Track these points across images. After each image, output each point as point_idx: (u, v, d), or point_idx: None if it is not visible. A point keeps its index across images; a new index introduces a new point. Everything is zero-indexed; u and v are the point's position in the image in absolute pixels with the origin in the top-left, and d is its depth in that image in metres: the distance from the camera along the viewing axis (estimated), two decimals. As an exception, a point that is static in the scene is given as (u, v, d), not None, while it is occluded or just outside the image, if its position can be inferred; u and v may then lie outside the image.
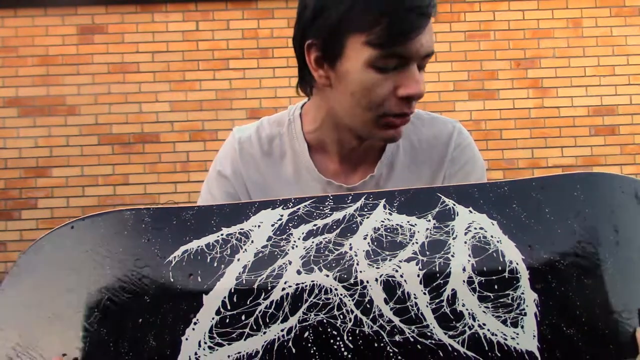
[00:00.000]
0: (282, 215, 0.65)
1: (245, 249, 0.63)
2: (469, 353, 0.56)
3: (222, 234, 0.64)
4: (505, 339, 0.57)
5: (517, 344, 0.57)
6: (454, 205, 0.65)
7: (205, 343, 0.58)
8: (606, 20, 3.99)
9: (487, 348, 0.57)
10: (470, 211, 0.65)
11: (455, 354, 0.56)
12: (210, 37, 3.93)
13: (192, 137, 3.90)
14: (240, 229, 0.64)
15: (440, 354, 0.56)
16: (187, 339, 0.58)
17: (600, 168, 3.93)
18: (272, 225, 0.64)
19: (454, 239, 0.62)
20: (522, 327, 0.58)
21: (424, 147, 0.91)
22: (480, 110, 3.93)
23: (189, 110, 3.90)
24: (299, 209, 0.66)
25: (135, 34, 3.91)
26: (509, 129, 3.95)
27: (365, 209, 0.65)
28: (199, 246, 0.63)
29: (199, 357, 0.57)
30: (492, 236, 0.62)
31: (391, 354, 0.56)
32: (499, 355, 0.56)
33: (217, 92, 3.91)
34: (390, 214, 0.65)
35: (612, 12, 3.99)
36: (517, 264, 0.61)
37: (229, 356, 0.57)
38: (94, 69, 3.88)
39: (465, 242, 0.62)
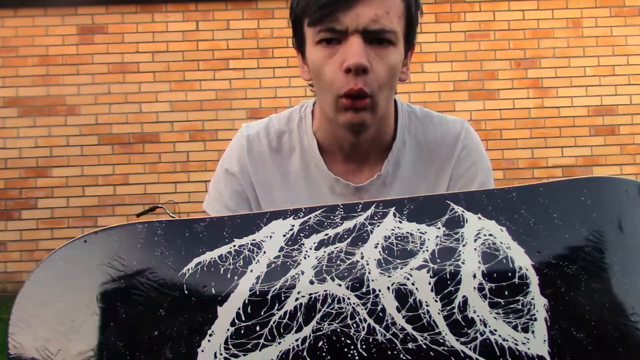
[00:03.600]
0: (293, 226, 0.66)
1: (258, 260, 0.63)
2: (481, 359, 0.57)
3: (234, 245, 0.64)
4: (517, 344, 0.58)
5: (528, 349, 0.58)
6: (463, 212, 0.65)
7: (221, 354, 0.58)
8: (606, 20, 3.99)
9: (498, 354, 0.57)
10: (479, 218, 0.65)
11: None
12: (210, 37, 3.93)
13: (192, 137, 3.90)
14: (252, 240, 0.65)
15: None
16: (202, 351, 0.59)
17: (600, 168, 3.94)
18: (284, 236, 0.65)
19: (463, 245, 0.63)
20: (533, 332, 0.58)
21: (430, 146, 0.91)
22: (480, 110, 3.94)
23: (189, 110, 3.90)
24: (310, 218, 0.66)
25: (135, 34, 3.91)
26: (509, 129, 3.95)
27: (376, 218, 0.65)
28: (211, 258, 0.64)
29: None
30: (501, 242, 0.63)
31: None
32: None
33: (217, 92, 3.92)
34: (400, 222, 0.65)
35: (612, 12, 4.00)
36: (526, 269, 0.61)
37: None
38: (94, 69, 3.88)
39: (475, 249, 0.62)
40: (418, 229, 0.64)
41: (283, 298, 0.60)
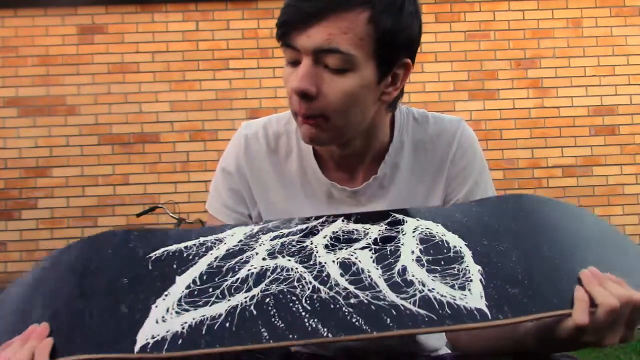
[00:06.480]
0: (253, 228, 0.77)
1: (219, 247, 0.73)
2: (421, 311, 0.60)
3: (199, 241, 0.75)
4: (454, 300, 0.61)
5: (466, 303, 0.61)
6: (404, 217, 0.77)
7: (173, 309, 0.63)
8: (606, 20, 3.99)
9: (437, 307, 0.61)
10: (418, 220, 0.75)
11: (408, 312, 0.60)
12: (210, 37, 3.93)
13: (192, 137, 3.90)
14: (216, 237, 0.75)
15: (393, 312, 0.60)
16: (156, 307, 0.64)
17: (600, 168, 3.93)
18: (244, 233, 0.76)
19: (403, 235, 0.72)
20: (470, 290, 0.63)
21: (427, 147, 0.90)
22: (480, 110, 3.94)
23: (189, 110, 3.90)
24: (268, 224, 0.79)
25: (135, 34, 3.91)
26: (509, 129, 3.95)
27: (326, 223, 0.76)
28: (177, 247, 0.73)
29: (166, 319, 0.62)
30: (437, 232, 0.72)
31: (347, 314, 0.60)
32: (449, 312, 0.60)
33: (217, 92, 3.92)
34: (348, 224, 0.76)
35: (612, 12, 4.00)
36: (460, 247, 0.69)
37: (193, 318, 0.61)
38: (94, 69, 3.88)
39: (414, 236, 0.71)
40: (363, 227, 0.75)
41: (237, 269, 0.68)
